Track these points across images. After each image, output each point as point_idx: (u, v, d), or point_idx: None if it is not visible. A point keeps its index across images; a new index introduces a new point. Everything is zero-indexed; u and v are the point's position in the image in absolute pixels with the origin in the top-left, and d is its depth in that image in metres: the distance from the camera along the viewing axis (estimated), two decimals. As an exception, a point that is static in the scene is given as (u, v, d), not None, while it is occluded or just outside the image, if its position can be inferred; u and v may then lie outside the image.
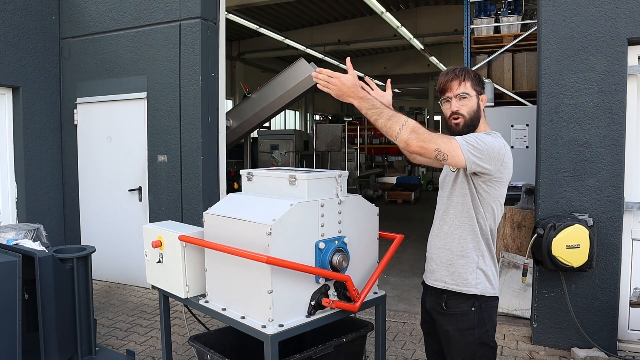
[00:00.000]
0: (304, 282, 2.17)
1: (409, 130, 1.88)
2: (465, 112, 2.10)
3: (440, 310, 2.15)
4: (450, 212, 2.13)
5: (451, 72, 2.14)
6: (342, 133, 11.99)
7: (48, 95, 5.83)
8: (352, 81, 1.94)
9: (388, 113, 1.92)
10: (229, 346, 2.59)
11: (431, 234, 2.26)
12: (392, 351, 3.95)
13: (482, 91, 2.14)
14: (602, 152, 3.73)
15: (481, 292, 2.09)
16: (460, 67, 2.17)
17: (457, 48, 12.54)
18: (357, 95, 1.93)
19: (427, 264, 2.27)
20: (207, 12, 5.23)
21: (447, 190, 2.17)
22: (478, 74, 2.16)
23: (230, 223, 2.25)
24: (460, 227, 2.10)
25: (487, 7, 5.71)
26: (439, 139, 1.90)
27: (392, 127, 1.90)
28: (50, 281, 2.93)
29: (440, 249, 2.17)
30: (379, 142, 20.69)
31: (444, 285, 2.13)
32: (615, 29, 3.66)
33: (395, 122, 1.90)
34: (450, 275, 2.12)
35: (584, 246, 3.54)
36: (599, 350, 3.70)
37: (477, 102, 2.12)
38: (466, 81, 2.10)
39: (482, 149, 1.95)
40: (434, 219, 2.27)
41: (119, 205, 5.73)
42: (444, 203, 2.19)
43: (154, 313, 4.83)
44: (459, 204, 2.11)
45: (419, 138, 1.88)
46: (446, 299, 2.13)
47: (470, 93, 2.10)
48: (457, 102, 2.11)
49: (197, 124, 5.18)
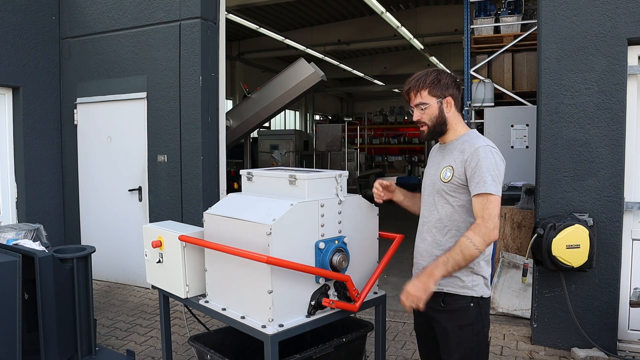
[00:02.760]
0: (304, 282, 2.17)
1: (476, 241, 1.96)
2: (427, 120, 2.15)
3: (437, 307, 2.15)
4: (444, 221, 2.14)
5: (408, 82, 2.18)
6: (342, 133, 11.99)
7: (48, 95, 5.83)
8: (422, 285, 1.99)
9: (455, 254, 1.98)
10: (229, 346, 2.59)
11: (420, 240, 2.25)
12: (392, 351, 3.95)
13: (445, 94, 2.13)
14: (602, 152, 3.73)
15: (479, 294, 2.11)
16: (420, 74, 2.17)
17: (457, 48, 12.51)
18: (433, 279, 1.99)
19: (417, 271, 2.26)
20: (207, 12, 5.23)
21: (437, 197, 2.17)
22: (439, 77, 2.14)
23: (230, 223, 2.25)
24: (457, 235, 2.10)
25: (487, 7, 5.71)
26: (488, 214, 1.97)
27: (470, 254, 1.98)
28: (50, 281, 2.93)
29: (433, 257, 2.15)
30: (379, 142, 20.73)
31: (439, 288, 2.12)
32: (615, 29, 3.66)
33: (464, 251, 1.97)
34: (446, 281, 2.11)
35: (584, 246, 3.54)
36: (599, 350, 3.70)
37: (438, 108, 2.13)
38: (421, 90, 2.13)
39: (500, 178, 2.03)
40: (420, 225, 2.28)
41: (119, 205, 5.73)
42: (432, 211, 2.19)
43: (154, 313, 4.83)
44: (454, 213, 2.12)
45: (485, 237, 1.96)
46: (444, 297, 2.14)
47: (427, 102, 2.13)
48: (418, 112, 2.17)
49: (197, 124, 5.18)
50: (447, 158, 2.17)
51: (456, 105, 2.18)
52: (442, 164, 2.18)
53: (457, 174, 2.09)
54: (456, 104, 2.18)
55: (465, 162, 2.06)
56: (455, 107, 2.18)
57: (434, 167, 2.24)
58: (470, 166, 2.04)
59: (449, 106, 2.15)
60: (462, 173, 2.07)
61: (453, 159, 2.13)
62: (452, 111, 2.16)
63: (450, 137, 2.20)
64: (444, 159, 2.19)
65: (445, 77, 2.15)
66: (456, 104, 2.18)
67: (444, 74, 2.16)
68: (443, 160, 2.19)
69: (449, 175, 2.11)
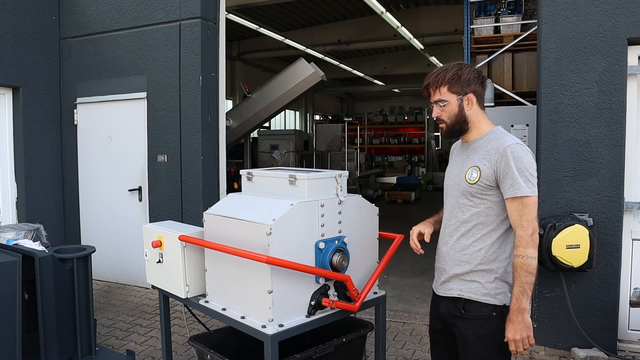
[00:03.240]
0: (304, 282, 2.17)
1: (529, 253, 1.90)
2: (446, 118, 2.07)
3: (457, 314, 2.05)
4: (468, 224, 2.04)
5: (428, 77, 2.10)
6: (342, 133, 11.98)
7: (48, 95, 5.83)
8: (520, 324, 1.91)
9: (524, 277, 1.90)
10: (229, 346, 2.59)
11: (442, 243, 2.16)
12: (392, 351, 3.95)
13: (466, 91, 2.03)
14: (602, 152, 3.73)
15: (501, 303, 2.00)
16: (440, 69, 2.09)
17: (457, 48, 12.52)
18: (525, 312, 1.92)
19: (439, 275, 2.16)
20: (207, 12, 5.23)
21: (461, 199, 2.06)
22: (459, 72, 2.03)
23: (230, 223, 2.26)
24: (482, 239, 2.02)
25: (487, 7, 5.70)
26: (526, 220, 1.91)
27: (533, 267, 1.91)
28: (50, 281, 2.93)
29: (456, 262, 2.07)
30: (379, 142, 20.73)
31: (459, 294, 2.05)
32: (615, 29, 3.66)
33: (528, 269, 1.90)
34: (468, 287, 2.04)
35: (584, 246, 3.54)
36: (599, 350, 3.70)
37: (458, 105, 2.04)
38: (440, 87, 2.04)
39: (534, 176, 1.95)
40: (442, 227, 2.18)
41: (119, 205, 5.73)
42: (456, 213, 2.09)
43: (154, 313, 4.83)
44: (481, 215, 2.02)
45: (532, 244, 1.90)
46: (464, 304, 2.04)
47: (446, 98, 2.04)
48: (437, 109, 2.09)
49: (197, 124, 5.18)
50: (472, 158, 2.05)
51: (479, 102, 2.07)
52: (467, 164, 2.06)
53: (485, 175, 1.98)
54: (479, 101, 2.07)
55: (494, 162, 1.95)
56: (478, 104, 2.06)
57: (457, 167, 2.13)
58: (500, 167, 1.93)
59: (470, 103, 2.04)
60: (491, 174, 1.96)
61: (479, 159, 2.01)
62: (474, 108, 2.05)
63: (474, 136, 2.09)
64: (469, 158, 2.07)
65: (467, 72, 2.04)
66: (479, 101, 2.07)
67: (466, 69, 2.05)
68: (467, 160, 2.07)
69: (475, 176, 2.00)
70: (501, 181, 1.95)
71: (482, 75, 2.08)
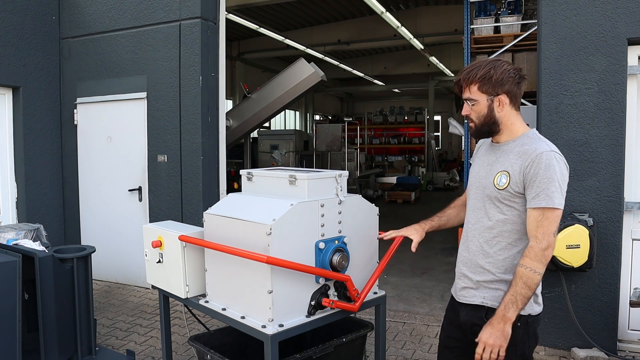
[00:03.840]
0: (304, 282, 2.17)
1: (535, 267, 1.81)
2: (475, 118, 1.97)
3: (480, 322, 1.94)
4: (494, 230, 1.95)
5: (461, 72, 2.00)
6: (342, 133, 11.98)
7: (48, 95, 5.83)
8: (499, 331, 1.83)
9: (520, 288, 1.82)
10: (229, 346, 2.59)
11: (464, 248, 2.07)
12: (392, 351, 3.95)
13: (497, 92, 1.91)
14: (602, 152, 3.73)
15: (527, 312, 1.92)
16: (474, 65, 1.97)
17: (457, 48, 12.53)
18: (509, 322, 1.83)
19: (461, 281, 2.08)
20: (207, 12, 5.23)
21: (488, 204, 1.97)
22: (492, 71, 1.91)
23: (230, 223, 2.26)
24: (507, 247, 1.93)
25: (487, 7, 5.70)
26: (542, 233, 1.82)
27: (534, 283, 1.82)
28: (50, 281, 2.93)
29: (480, 269, 1.99)
30: (379, 142, 20.74)
31: (482, 302, 1.97)
32: (615, 29, 3.66)
33: (528, 282, 1.81)
34: (491, 294, 1.96)
35: (584, 246, 3.54)
36: (599, 350, 3.70)
37: (488, 106, 1.93)
38: (471, 85, 1.94)
39: (564, 189, 1.85)
40: (464, 231, 2.08)
41: (119, 205, 5.73)
42: (481, 217, 1.99)
43: (154, 313, 4.83)
44: (508, 223, 1.92)
45: (542, 259, 1.82)
46: (487, 311, 1.95)
47: (476, 98, 1.94)
48: (467, 107, 1.99)
49: (197, 124, 5.18)
50: (503, 161, 1.94)
51: (513, 103, 1.95)
52: (496, 167, 1.95)
53: (515, 181, 1.87)
54: (513, 102, 1.94)
55: (525, 168, 1.85)
56: (511, 105, 1.94)
57: (485, 169, 2.01)
58: (529, 173, 1.83)
59: (502, 105, 1.93)
60: (521, 181, 1.86)
61: (510, 164, 1.90)
62: (505, 110, 1.94)
63: (506, 138, 1.98)
64: (498, 161, 1.96)
65: (501, 71, 1.91)
66: (513, 102, 1.94)
67: (500, 68, 1.91)
68: (497, 163, 1.96)
69: (504, 181, 1.90)
70: (527, 188, 1.85)
71: (519, 75, 1.95)
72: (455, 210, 2.32)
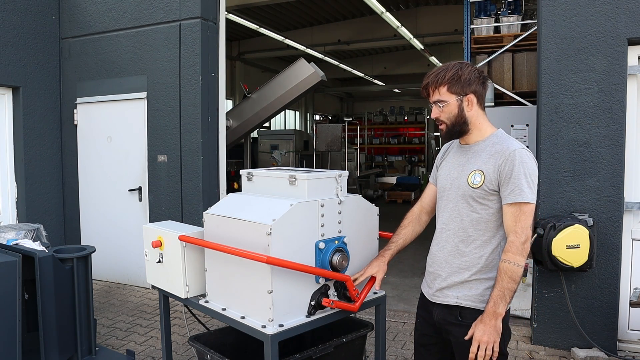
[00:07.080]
0: (304, 282, 2.17)
1: (518, 261, 1.87)
2: (445, 119, 2.01)
3: (454, 321, 2.01)
4: (468, 230, 2.00)
5: (427, 77, 2.04)
6: (342, 133, 11.99)
7: (48, 95, 5.83)
8: (491, 327, 1.88)
9: (506, 283, 1.88)
10: (229, 346, 2.59)
11: (438, 248, 2.10)
12: (392, 351, 3.95)
13: (466, 91, 1.97)
14: (602, 152, 3.73)
15: None
16: (440, 68, 2.03)
17: (457, 48, 12.51)
18: (499, 317, 1.88)
19: (432, 281, 2.12)
20: (207, 12, 5.23)
21: (461, 204, 2.01)
22: (459, 72, 1.97)
23: (230, 223, 2.25)
24: (482, 246, 1.98)
25: (487, 7, 5.70)
26: (521, 227, 1.87)
27: (518, 275, 1.88)
28: (50, 281, 2.93)
29: (454, 268, 2.03)
30: (379, 142, 20.73)
31: (456, 302, 2.01)
32: (615, 29, 3.66)
33: (513, 276, 1.87)
34: (465, 294, 2.00)
35: (584, 246, 3.54)
36: (599, 350, 3.70)
37: (458, 106, 1.98)
38: (440, 87, 1.99)
39: (536, 183, 1.91)
40: (438, 231, 2.12)
41: (119, 205, 5.73)
42: (455, 217, 2.03)
43: (154, 313, 4.83)
44: (482, 222, 1.97)
45: (523, 252, 1.88)
46: (460, 311, 2.01)
47: (446, 99, 1.98)
48: (436, 109, 2.03)
49: (197, 124, 5.18)
50: (475, 161, 2.00)
51: (480, 102, 2.01)
52: (468, 167, 2.00)
53: (489, 179, 1.93)
54: (480, 101, 2.01)
55: (499, 166, 1.91)
56: (478, 105, 2.01)
57: (456, 170, 2.06)
58: (504, 171, 1.89)
59: (470, 104, 1.99)
60: (495, 179, 1.92)
61: (483, 163, 1.96)
62: (474, 109, 2.00)
63: (476, 138, 2.03)
64: (470, 161, 2.01)
65: (468, 72, 1.98)
66: (480, 101, 2.01)
67: (466, 69, 1.99)
68: (468, 163, 2.01)
69: (479, 180, 1.95)
70: (502, 185, 1.91)
71: (483, 75, 2.02)
72: (409, 227, 2.32)
